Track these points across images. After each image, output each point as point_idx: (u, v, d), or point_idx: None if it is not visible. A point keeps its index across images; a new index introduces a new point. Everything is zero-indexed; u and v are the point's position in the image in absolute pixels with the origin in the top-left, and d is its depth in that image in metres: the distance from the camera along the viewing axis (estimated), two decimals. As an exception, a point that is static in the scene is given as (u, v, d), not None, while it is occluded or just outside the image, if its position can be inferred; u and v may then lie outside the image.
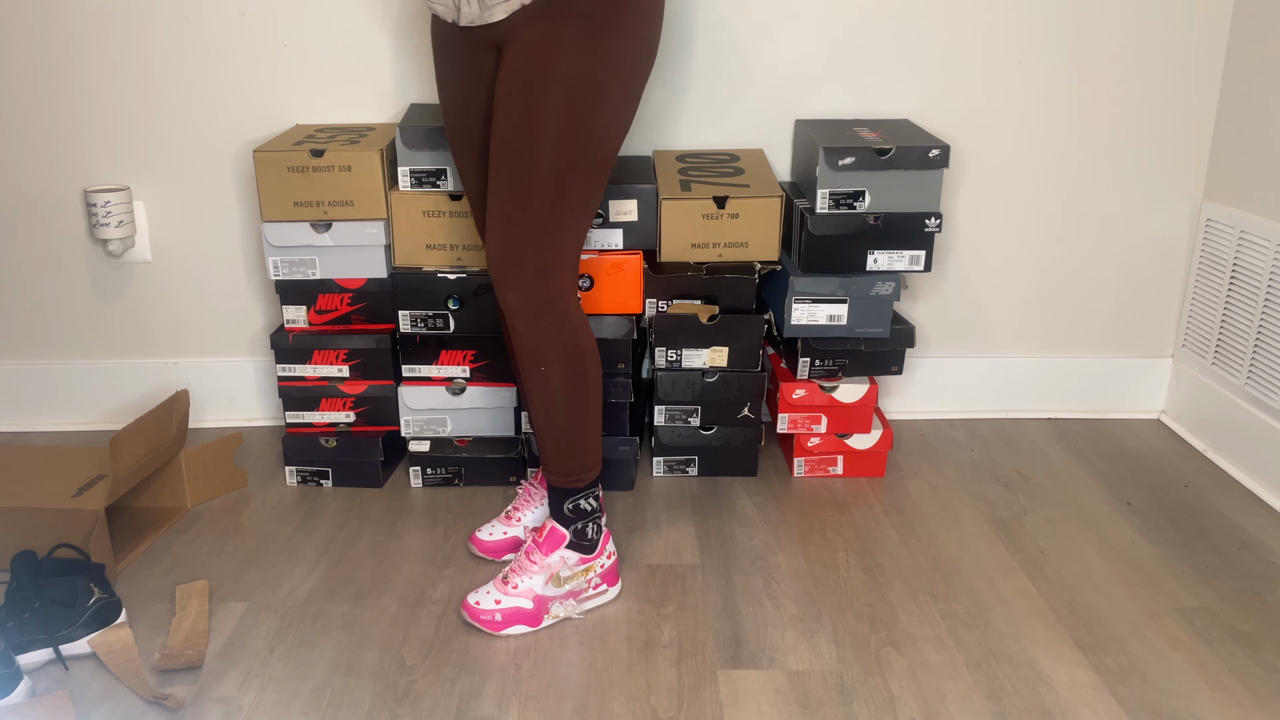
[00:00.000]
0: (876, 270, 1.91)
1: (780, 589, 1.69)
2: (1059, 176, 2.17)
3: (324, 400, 2.00)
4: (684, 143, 2.14)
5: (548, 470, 1.59)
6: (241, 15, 2.03)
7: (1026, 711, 1.42)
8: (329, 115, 2.11)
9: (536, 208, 1.44)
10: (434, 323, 1.93)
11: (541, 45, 1.40)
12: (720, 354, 1.94)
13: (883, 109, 2.12)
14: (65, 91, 2.07)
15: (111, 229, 2.07)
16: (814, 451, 2.03)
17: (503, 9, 1.41)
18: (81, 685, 1.48)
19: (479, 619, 1.57)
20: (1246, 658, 1.52)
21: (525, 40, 1.41)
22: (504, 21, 1.43)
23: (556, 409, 1.54)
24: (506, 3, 1.41)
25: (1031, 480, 2.04)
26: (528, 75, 1.41)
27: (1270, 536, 1.84)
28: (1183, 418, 2.24)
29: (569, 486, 1.59)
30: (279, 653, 1.54)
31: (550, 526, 1.60)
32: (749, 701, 1.43)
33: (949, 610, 1.63)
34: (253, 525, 1.89)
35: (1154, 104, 2.12)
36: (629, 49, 1.43)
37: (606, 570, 1.64)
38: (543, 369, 1.51)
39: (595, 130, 1.44)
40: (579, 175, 1.45)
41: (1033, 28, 2.07)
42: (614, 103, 1.44)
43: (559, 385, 1.52)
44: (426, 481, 2.02)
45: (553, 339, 1.50)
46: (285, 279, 1.95)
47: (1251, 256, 2.00)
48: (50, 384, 2.26)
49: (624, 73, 1.44)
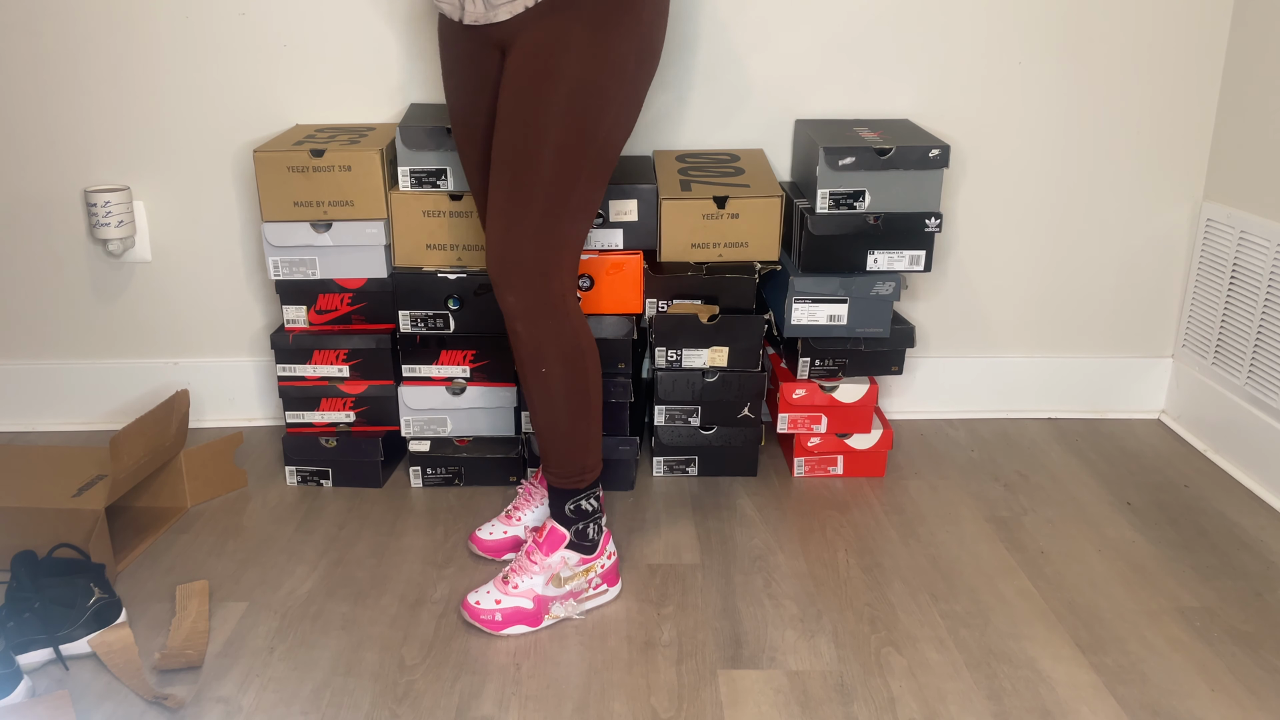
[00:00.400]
0: (876, 270, 1.91)
1: (780, 589, 1.69)
2: (1059, 176, 2.17)
3: (324, 400, 2.00)
4: (684, 143, 2.14)
5: (549, 471, 1.59)
6: (241, 15, 2.03)
7: (1026, 711, 1.42)
8: (329, 115, 2.11)
9: (538, 209, 1.44)
10: (434, 323, 1.93)
11: (546, 46, 1.40)
12: (720, 354, 1.94)
13: (883, 109, 2.12)
14: (65, 91, 2.08)
15: (111, 229, 2.07)
16: (814, 451, 2.03)
17: (507, 9, 1.41)
18: (81, 685, 1.48)
19: (479, 619, 1.56)
20: (1246, 658, 1.52)
21: (529, 41, 1.41)
22: (508, 21, 1.43)
23: (557, 410, 1.54)
24: (511, 3, 1.41)
25: (1031, 480, 2.04)
26: (531, 76, 1.41)
27: (1270, 536, 1.84)
28: (1183, 418, 2.24)
29: (570, 487, 1.59)
30: (279, 653, 1.54)
31: (551, 527, 1.60)
32: (749, 701, 1.43)
33: (949, 610, 1.63)
34: (253, 525, 1.89)
35: (1154, 104, 2.12)
36: (632, 51, 1.43)
37: (607, 570, 1.64)
38: (543, 370, 1.51)
39: (598, 133, 1.44)
40: (581, 177, 1.45)
41: (1033, 28, 2.07)
42: (617, 105, 1.44)
43: (560, 386, 1.52)
44: (426, 481, 2.02)
45: (553, 340, 1.50)
46: (285, 279, 1.95)
47: (1251, 256, 2.00)
48: (50, 384, 2.26)
49: (627, 75, 1.44)
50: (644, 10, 1.43)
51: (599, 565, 1.63)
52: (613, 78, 1.42)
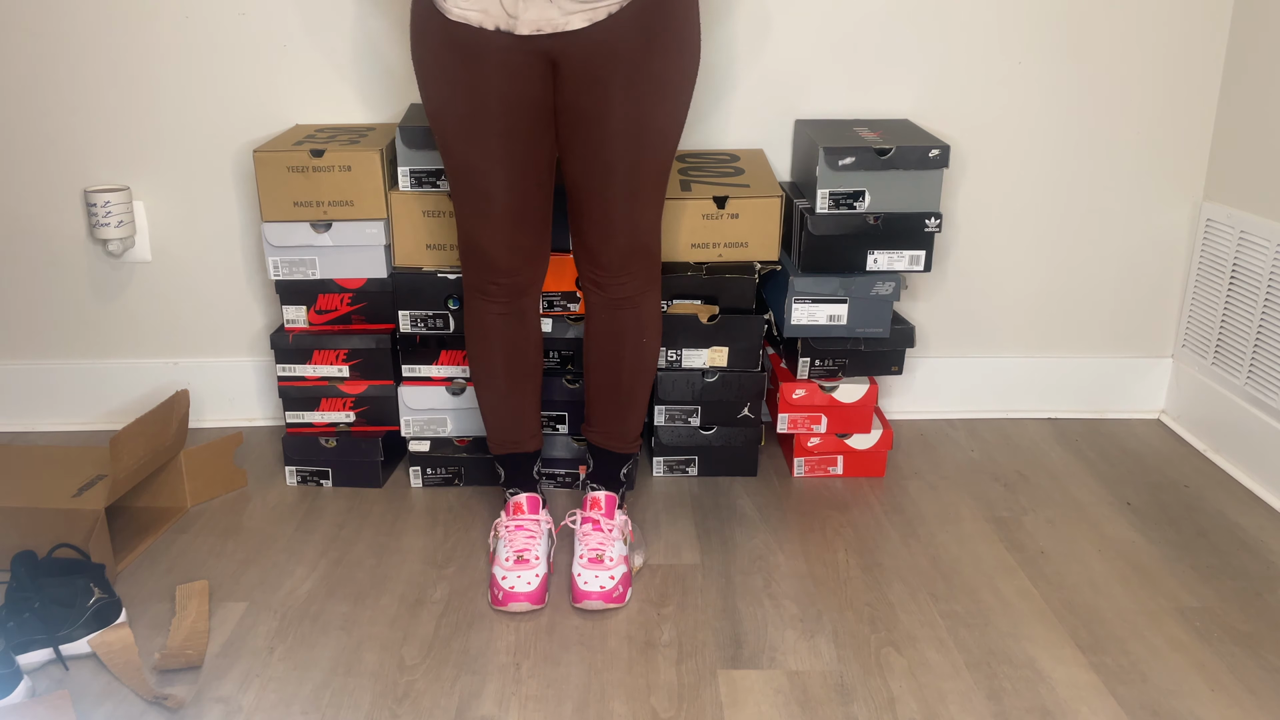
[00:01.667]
0: (876, 270, 1.91)
1: (780, 589, 1.69)
2: (1059, 176, 2.17)
3: (324, 400, 2.00)
4: (684, 143, 2.14)
5: (616, 440, 1.76)
6: (241, 15, 2.03)
7: (1026, 711, 1.42)
8: (329, 115, 2.11)
9: (654, 199, 1.57)
10: (434, 323, 1.93)
11: (639, 47, 1.44)
12: (720, 354, 1.95)
13: (883, 109, 2.12)
14: (65, 91, 2.08)
15: (111, 229, 2.07)
16: (814, 451, 2.03)
17: (583, 16, 1.41)
18: (81, 685, 1.48)
19: (611, 599, 1.63)
20: (1246, 658, 1.52)
21: (612, 44, 1.43)
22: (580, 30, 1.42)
23: (646, 375, 1.72)
24: (592, 10, 1.40)
25: (1031, 480, 2.04)
26: (629, 77, 1.45)
27: (1270, 536, 1.84)
28: (1183, 418, 2.24)
29: (632, 451, 1.79)
30: (279, 653, 1.54)
31: (604, 495, 1.74)
32: (749, 701, 1.43)
33: (949, 610, 1.64)
34: (253, 525, 1.89)
35: (1154, 104, 2.12)
36: (696, 43, 1.52)
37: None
38: (644, 340, 1.68)
39: (682, 121, 1.55)
40: (670, 163, 1.58)
41: (1033, 28, 2.07)
42: (689, 92, 1.54)
43: (652, 353, 1.70)
44: (426, 481, 2.02)
45: (655, 310, 1.68)
46: (285, 279, 1.95)
47: (1251, 256, 2.00)
48: (50, 384, 2.26)
49: (696, 64, 1.53)
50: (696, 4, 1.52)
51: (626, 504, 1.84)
52: (693, 67, 1.52)
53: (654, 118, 1.49)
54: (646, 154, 1.51)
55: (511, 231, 1.58)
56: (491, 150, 1.50)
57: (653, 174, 1.54)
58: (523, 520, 1.71)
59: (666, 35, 1.45)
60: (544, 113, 1.51)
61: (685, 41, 1.48)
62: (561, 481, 2.00)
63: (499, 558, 1.66)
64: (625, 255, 1.60)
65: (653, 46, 1.44)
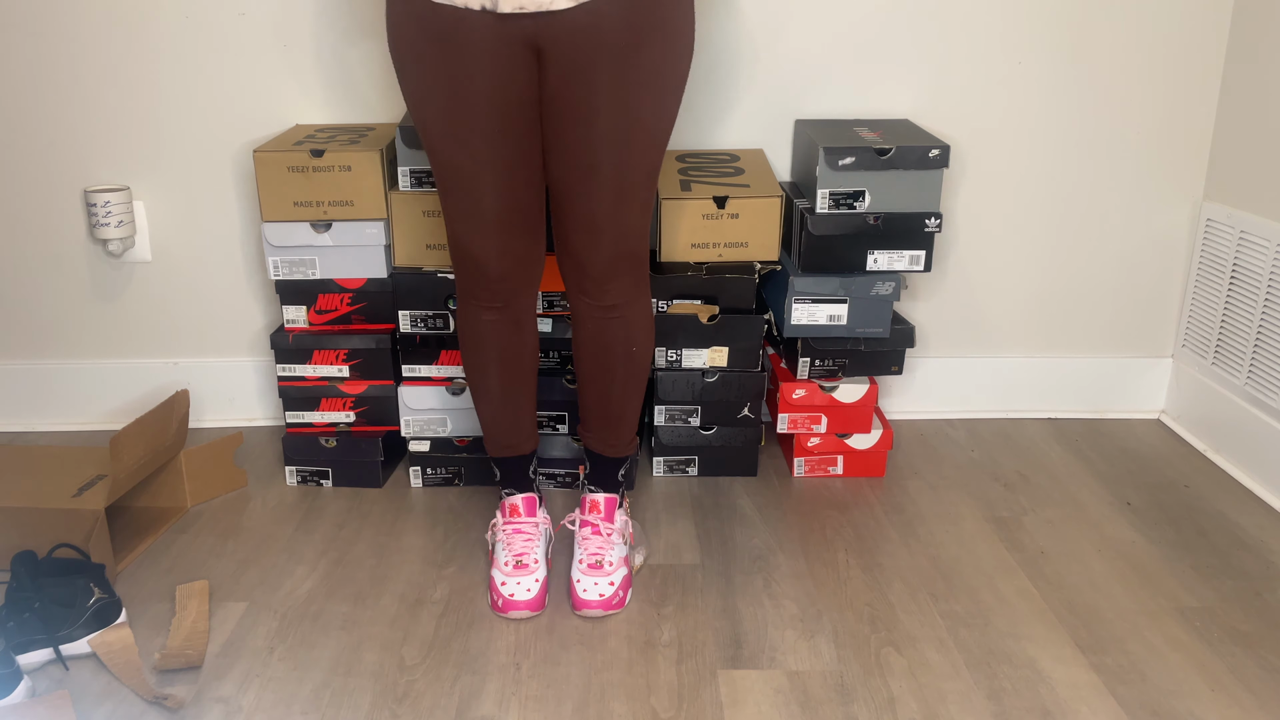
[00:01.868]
0: (876, 270, 1.91)
1: (780, 589, 1.69)
2: (1059, 176, 2.17)
3: (324, 400, 2.00)
4: (684, 142, 2.14)
5: (613, 445, 1.73)
6: (241, 15, 2.03)
7: (1026, 711, 1.42)
8: (329, 115, 2.11)
9: (643, 199, 1.51)
10: (434, 323, 1.93)
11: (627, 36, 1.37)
12: (720, 354, 1.95)
13: (883, 109, 2.12)
14: (65, 91, 2.08)
15: (111, 229, 2.07)
16: (814, 451, 2.03)
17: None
18: (81, 685, 1.48)
19: (610, 607, 1.62)
20: (1246, 658, 1.52)
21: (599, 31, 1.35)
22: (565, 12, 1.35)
23: (639, 381, 1.68)
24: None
25: (1031, 480, 2.04)
26: (617, 69, 1.37)
27: (1270, 536, 1.84)
28: (1183, 418, 2.24)
29: (629, 453, 1.75)
30: (279, 653, 1.54)
31: (603, 498, 1.73)
32: (749, 701, 1.43)
33: (949, 610, 1.63)
34: (253, 525, 1.89)
35: (1154, 104, 2.12)
36: (690, 37, 1.46)
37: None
38: (634, 349, 1.63)
39: (673, 119, 1.49)
40: (659, 164, 1.51)
41: (1033, 28, 2.07)
42: (681, 90, 1.48)
43: (643, 360, 1.66)
44: (426, 481, 2.02)
45: (644, 318, 1.63)
46: (285, 279, 1.95)
47: (1251, 256, 2.00)
48: (50, 384, 2.26)
49: (688, 60, 1.47)
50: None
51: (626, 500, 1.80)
52: (685, 64, 1.45)
53: (642, 113, 1.42)
54: (634, 153, 1.44)
55: (502, 236, 1.52)
56: (478, 152, 1.45)
57: (640, 174, 1.47)
58: (520, 524, 1.70)
59: (657, 26, 1.38)
60: (530, 110, 1.44)
61: (677, 34, 1.41)
62: (561, 481, 2.00)
63: (498, 561, 1.66)
64: (612, 261, 1.53)
65: (642, 37, 1.37)
